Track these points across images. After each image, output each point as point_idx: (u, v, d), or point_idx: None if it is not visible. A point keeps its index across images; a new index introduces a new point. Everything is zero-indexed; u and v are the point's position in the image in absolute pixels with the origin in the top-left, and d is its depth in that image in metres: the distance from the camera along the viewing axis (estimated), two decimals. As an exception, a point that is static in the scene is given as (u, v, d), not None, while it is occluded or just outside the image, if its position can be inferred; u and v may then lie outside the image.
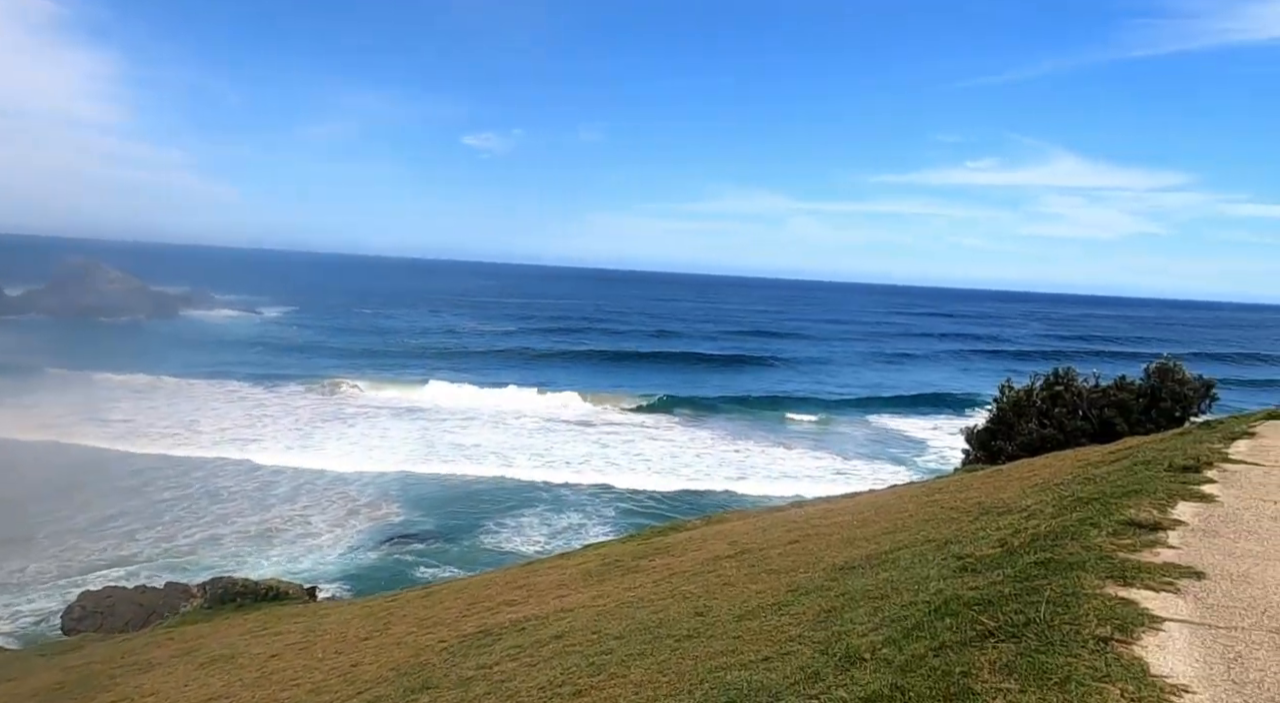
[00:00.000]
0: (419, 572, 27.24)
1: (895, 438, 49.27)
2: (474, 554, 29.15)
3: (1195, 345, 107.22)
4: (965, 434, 16.49)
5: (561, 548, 30.03)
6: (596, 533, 30.75)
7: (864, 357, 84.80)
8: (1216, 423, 9.47)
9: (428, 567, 27.95)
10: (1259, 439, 7.96)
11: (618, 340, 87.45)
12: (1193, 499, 5.79)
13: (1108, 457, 9.19)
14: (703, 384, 63.12)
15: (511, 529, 31.96)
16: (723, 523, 12.66)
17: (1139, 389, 15.73)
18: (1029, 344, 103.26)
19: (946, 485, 10.62)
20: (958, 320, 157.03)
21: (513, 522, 32.71)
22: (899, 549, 6.57)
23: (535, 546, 29.99)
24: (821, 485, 36.89)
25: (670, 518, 29.92)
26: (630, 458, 41.62)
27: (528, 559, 29.32)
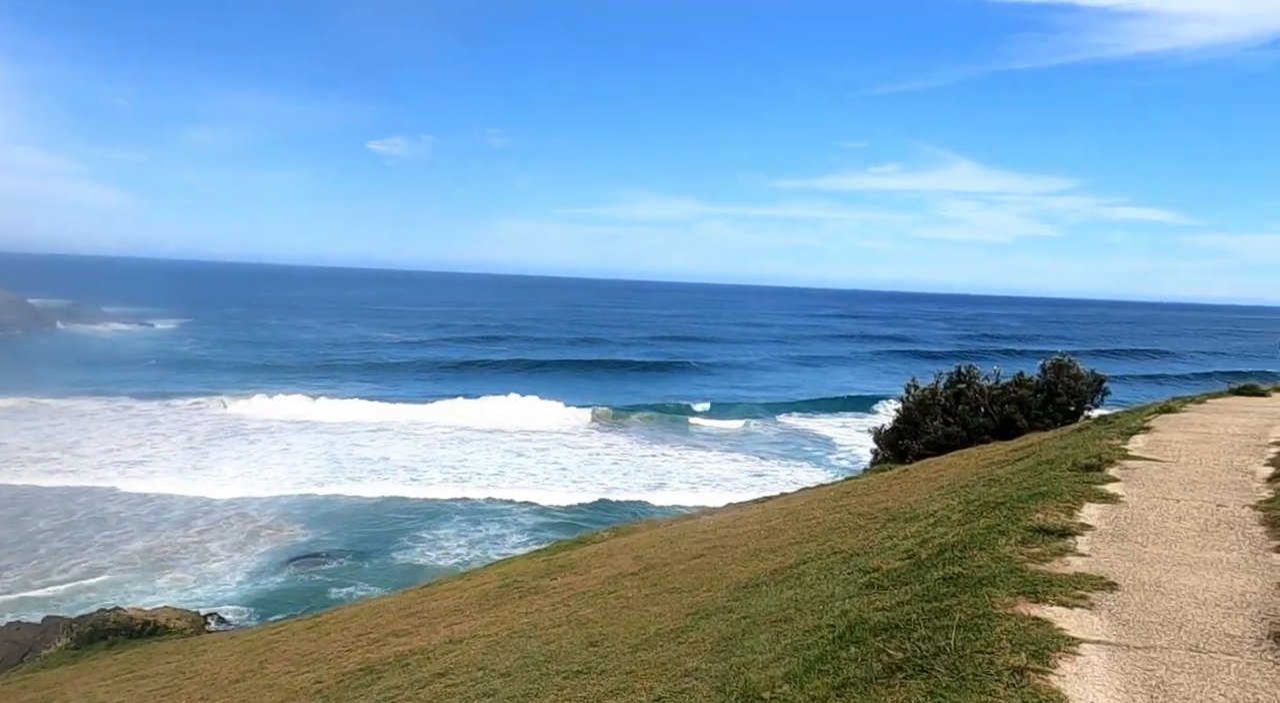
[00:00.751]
0: (331, 592, 25.88)
1: (810, 438, 49.88)
2: (388, 571, 27.90)
3: (1086, 342, 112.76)
4: (874, 434, 16.47)
5: (480, 559, 29.06)
6: (514, 543, 29.92)
7: (779, 359, 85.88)
8: (1113, 418, 9.53)
9: (340, 586, 26.59)
10: (1155, 434, 7.94)
11: (535, 348, 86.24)
12: (1098, 501, 5.58)
13: (1011, 455, 9.08)
14: (622, 391, 62.71)
15: (427, 543, 30.78)
16: (632, 535, 12.16)
17: (1036, 385, 16.00)
18: (935, 344, 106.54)
19: (855, 488, 10.40)
20: (865, 321, 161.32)
21: (428, 535, 31.53)
22: (805, 562, 6.19)
23: (453, 558, 28.93)
24: (737, 490, 36.90)
25: (585, 528, 29.32)
26: (546, 467, 40.82)
27: (445, 573, 28.29)
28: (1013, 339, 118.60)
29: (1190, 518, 5.17)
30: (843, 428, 51.92)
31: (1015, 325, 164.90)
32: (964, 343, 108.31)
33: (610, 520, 30.15)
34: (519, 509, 33.32)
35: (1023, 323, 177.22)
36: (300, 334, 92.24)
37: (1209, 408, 9.91)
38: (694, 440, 47.80)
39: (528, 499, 34.26)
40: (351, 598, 25.81)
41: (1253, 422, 8.53)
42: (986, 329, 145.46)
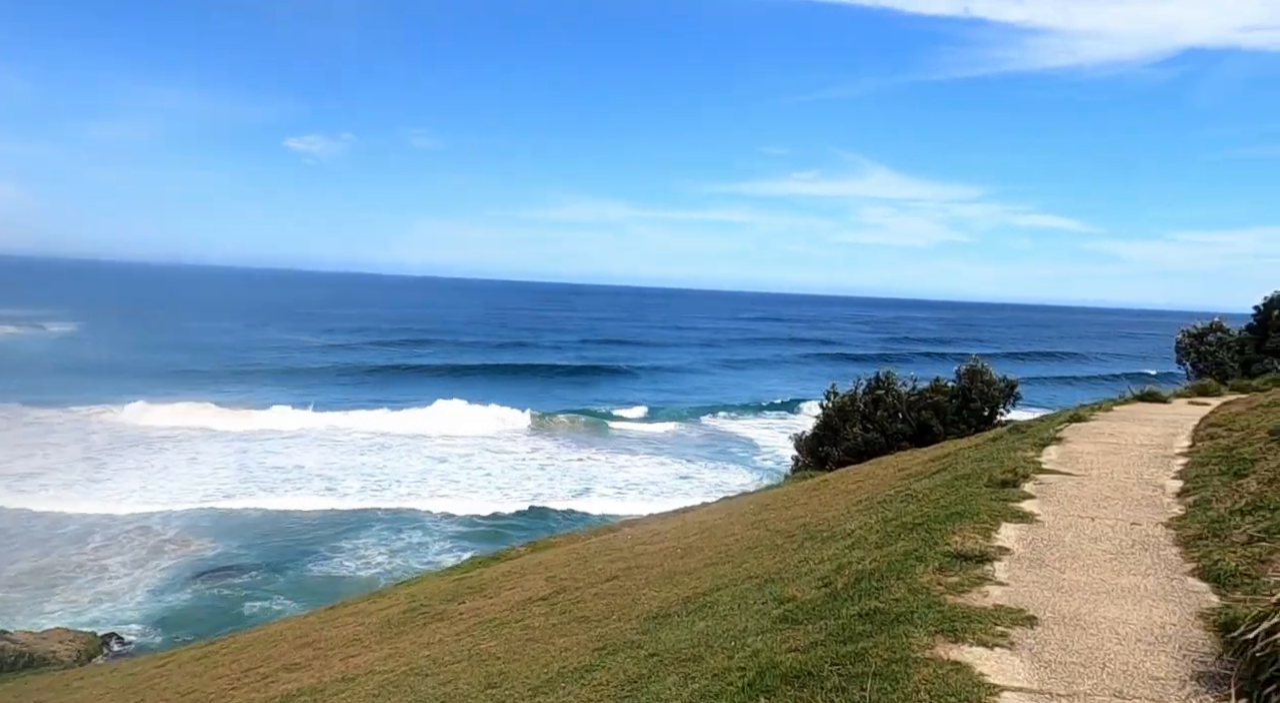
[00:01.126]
0: (244, 608, 24.59)
1: (736, 441, 50.13)
2: (304, 583, 26.68)
3: (999, 345, 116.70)
4: (794, 441, 16.39)
5: (402, 569, 28.06)
6: (437, 550, 29.06)
7: (707, 362, 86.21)
8: (1026, 427, 9.56)
9: (253, 601, 25.30)
10: (1067, 445, 7.92)
11: (461, 352, 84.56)
12: (1015, 520, 5.42)
13: (928, 466, 8.99)
14: (550, 395, 61.93)
15: (346, 553, 29.59)
16: (548, 550, 11.71)
17: (952, 391, 16.19)
18: (858, 346, 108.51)
19: (774, 500, 10.18)
20: (790, 324, 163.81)
21: (347, 545, 30.33)
22: (719, 589, 5.86)
23: (374, 569, 27.86)
24: (664, 494, 36.73)
25: (508, 537, 28.64)
26: (470, 473, 39.89)
27: (364, 585, 27.17)
28: (931, 342, 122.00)
29: (1106, 539, 5.03)
30: (767, 429, 52.38)
31: (932, 328, 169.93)
32: (886, 346, 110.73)
33: (534, 528, 29.55)
34: (441, 517, 32.41)
35: (939, 326, 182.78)
36: (212, 337, 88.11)
37: (1116, 415, 10.03)
38: (622, 444, 47.50)
39: (449, 508, 33.35)
40: (267, 613, 24.57)
41: (1157, 431, 8.62)
42: (906, 332, 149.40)
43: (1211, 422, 8.24)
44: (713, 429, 53.66)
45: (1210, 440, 7.32)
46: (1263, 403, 8.22)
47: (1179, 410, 10.45)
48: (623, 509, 31.98)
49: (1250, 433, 6.87)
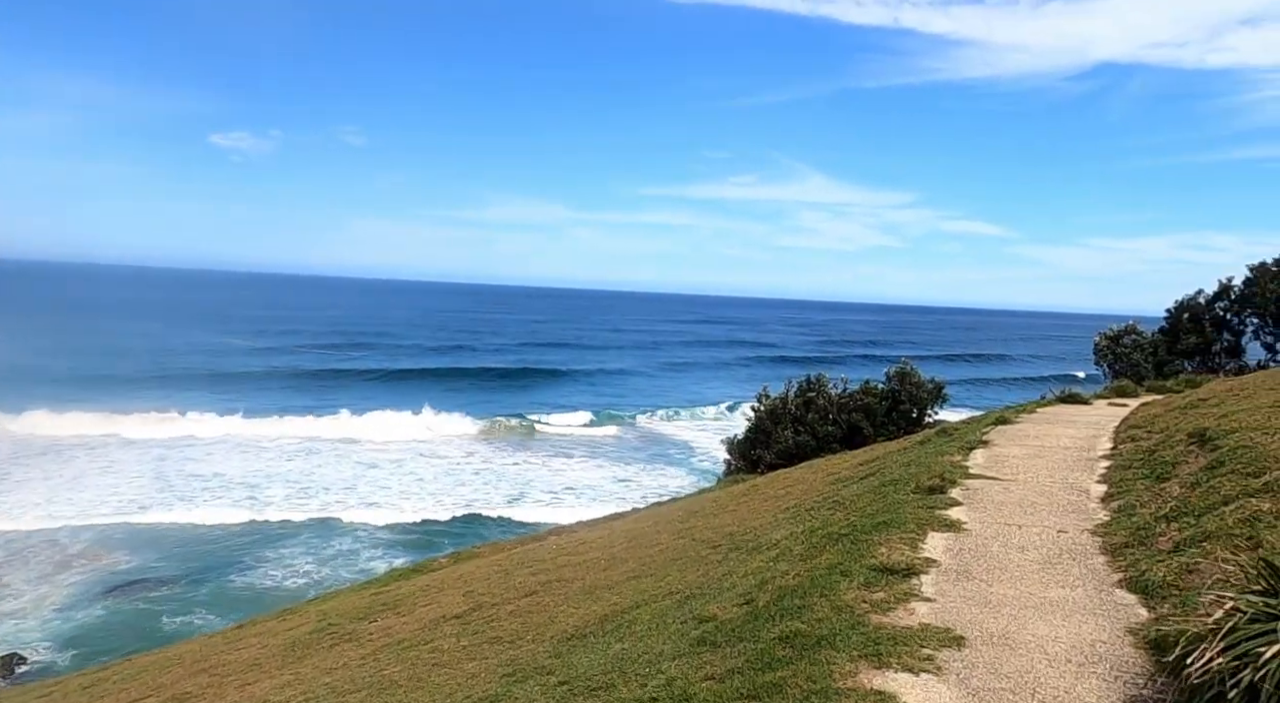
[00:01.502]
0: (162, 623, 23.26)
1: (674, 443, 50.01)
2: (227, 595, 25.44)
3: (930, 346, 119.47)
4: (726, 445, 16.19)
5: (331, 579, 26.97)
6: (368, 557, 28.08)
7: (645, 365, 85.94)
8: (953, 429, 9.49)
9: (173, 616, 23.97)
10: (993, 448, 7.83)
11: (395, 355, 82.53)
12: (942, 529, 5.22)
13: (857, 470, 8.82)
14: (486, 399, 60.80)
15: (271, 563, 28.35)
16: (471, 561, 11.22)
17: (881, 393, 16.22)
18: (795, 349, 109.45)
19: (703, 506, 9.90)
20: (728, 327, 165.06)
21: (272, 554, 29.08)
22: (639, 606, 5.52)
23: (302, 578, 26.73)
24: (600, 499, 36.33)
25: (437, 546, 27.86)
26: (403, 478, 38.83)
27: (292, 595, 26.00)
28: (866, 344, 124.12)
29: (1033, 548, 4.86)
30: (703, 431, 52.41)
31: (866, 331, 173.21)
32: (823, 348, 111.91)
33: (466, 536, 28.84)
34: (370, 526, 31.37)
35: (873, 328, 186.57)
36: (131, 340, 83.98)
37: (1040, 418, 10.05)
38: (560, 448, 46.92)
39: (378, 516, 32.29)
40: (188, 628, 23.30)
41: (1080, 433, 8.62)
42: (841, 334, 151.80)
43: (1132, 424, 8.26)
44: (651, 432, 53.47)
45: (1132, 443, 7.29)
46: (1179, 405, 8.28)
47: (1100, 412, 10.54)
48: (558, 516, 31.46)
49: (1170, 435, 6.85)
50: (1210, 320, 21.02)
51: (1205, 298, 21.37)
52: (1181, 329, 21.15)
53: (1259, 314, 20.11)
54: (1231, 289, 20.84)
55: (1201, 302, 21.37)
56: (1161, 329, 22.15)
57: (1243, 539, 4.05)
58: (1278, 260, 19.98)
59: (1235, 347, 21.09)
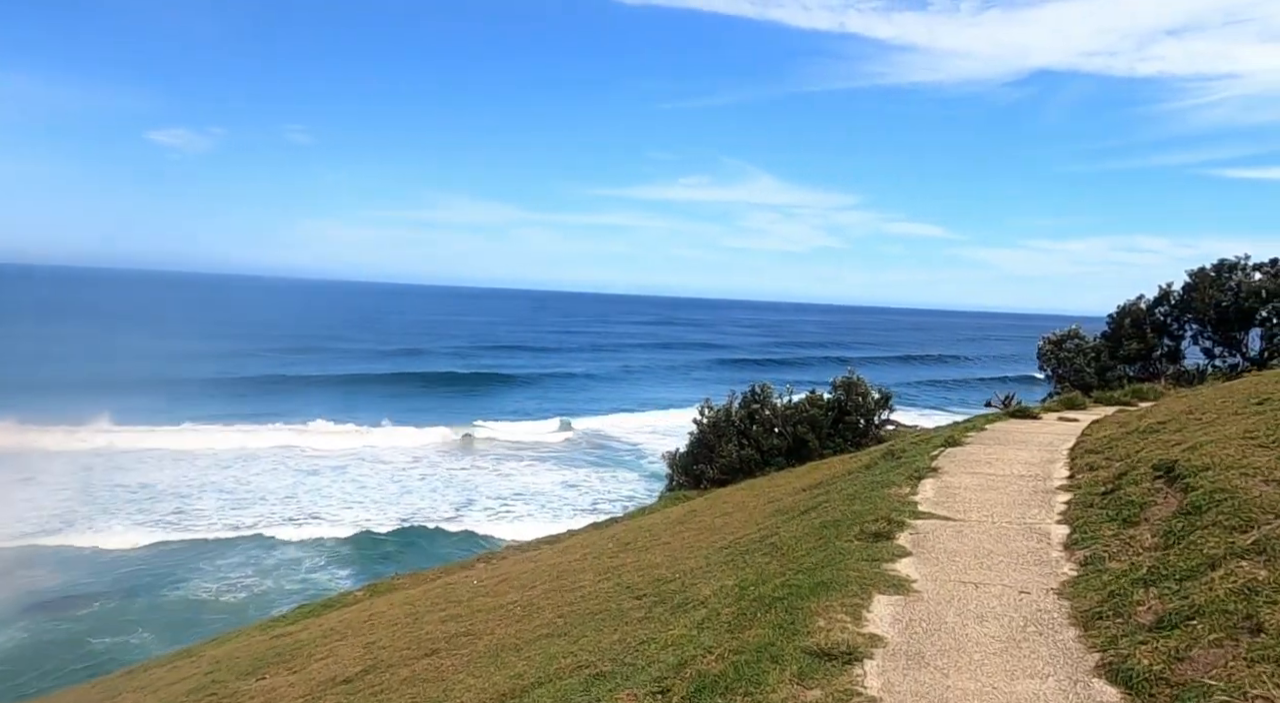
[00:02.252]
0: (90, 643, 21.76)
1: (625, 447, 49.27)
2: (161, 611, 23.97)
3: (881, 348, 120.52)
4: (668, 459, 15.43)
5: (274, 591, 25.62)
6: (310, 567, 26.87)
7: (598, 367, 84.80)
8: (901, 452, 8.85)
9: (101, 635, 22.48)
10: (943, 478, 7.18)
11: (342, 359, 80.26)
12: (889, 589, 4.48)
13: (799, 500, 8.10)
14: (434, 404, 59.22)
15: (206, 575, 26.88)
16: (388, 594, 10.26)
17: (828, 404, 15.62)
18: (748, 351, 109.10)
19: (636, 536, 9.10)
20: (681, 328, 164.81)
21: (208, 566, 27.60)
22: (541, 684, 4.68)
23: (241, 592, 25.33)
24: (551, 509, 35.50)
25: (376, 565, 26.70)
26: (345, 485, 37.41)
27: (231, 609, 24.53)
28: (821, 345, 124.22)
29: (994, 617, 4.14)
30: (653, 434, 51.74)
31: (819, 332, 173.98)
32: (778, 350, 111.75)
33: (407, 552, 27.76)
34: (306, 540, 29.94)
35: (824, 329, 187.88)
36: (59, 345, 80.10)
37: (990, 436, 9.47)
38: (509, 452, 45.82)
39: (312, 531, 30.86)
40: (122, 649, 21.84)
41: (1034, 457, 8.03)
42: (795, 336, 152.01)
43: (1088, 448, 7.68)
44: (603, 435, 52.60)
45: (1090, 472, 6.69)
46: (1136, 427, 7.73)
47: (1051, 429, 10.01)
48: (502, 529, 30.49)
49: (1131, 465, 6.24)
50: (1151, 326, 20.94)
51: (1146, 303, 21.29)
52: (1124, 335, 21.03)
53: (1198, 320, 20.07)
54: (1171, 295, 20.78)
55: (1143, 307, 21.29)
56: (1104, 334, 22.04)
57: (1239, 619, 3.37)
58: (1216, 266, 19.97)
59: (1175, 352, 21.04)
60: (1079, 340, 23.98)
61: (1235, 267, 19.79)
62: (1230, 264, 19.83)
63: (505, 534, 28.98)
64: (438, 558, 25.86)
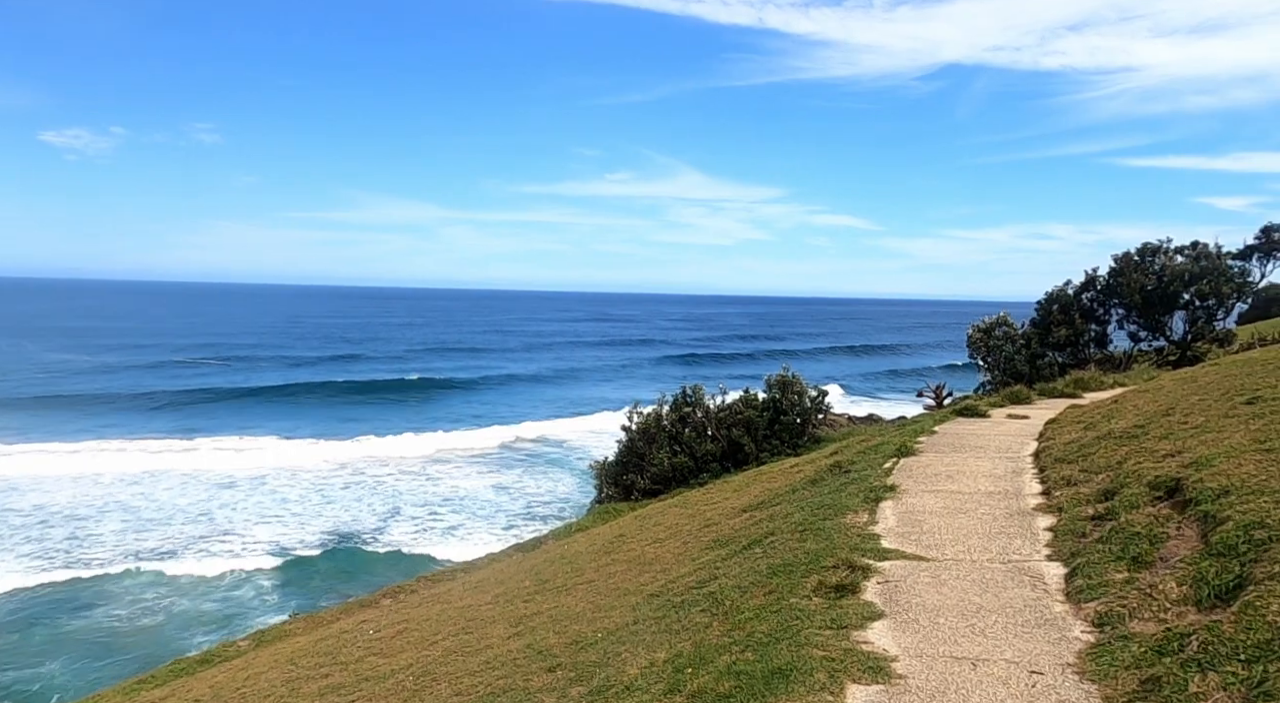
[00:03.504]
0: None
1: (564, 448, 47.80)
2: (71, 639, 21.64)
3: (825, 338, 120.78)
4: (596, 469, 14.25)
5: (182, 615, 23.45)
6: (223, 591, 24.67)
7: (534, 368, 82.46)
8: (850, 466, 7.87)
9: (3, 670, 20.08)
10: (902, 499, 6.20)
11: (261, 369, 76.22)
12: (866, 677, 3.41)
13: (739, 526, 7.02)
14: (362, 413, 56.51)
15: (114, 601, 24.45)
16: (277, 643, 8.81)
17: (763, 404, 14.68)
18: (684, 346, 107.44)
19: (556, 572, 7.89)
20: (615, 324, 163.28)
21: (115, 589, 25.13)
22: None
23: (157, 616, 23.02)
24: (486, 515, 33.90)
25: (296, 587, 24.80)
26: (262, 498, 35.05)
27: (141, 641, 22.24)
28: (758, 338, 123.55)
29: (1006, 719, 3.10)
30: (591, 434, 50.47)
31: (752, 324, 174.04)
32: (715, 345, 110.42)
33: (323, 575, 25.87)
34: (215, 561, 27.70)
35: (757, 321, 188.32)
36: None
37: (943, 441, 8.59)
38: (443, 461, 43.88)
39: (224, 552, 28.59)
40: (29, 681, 19.52)
41: (996, 467, 7.14)
42: (725, 328, 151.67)
43: (1056, 455, 6.82)
44: (538, 437, 51.01)
45: (1069, 488, 5.78)
46: (1108, 431, 6.90)
47: (1004, 429, 9.20)
48: (432, 542, 28.78)
49: (1119, 479, 5.35)
50: (1079, 311, 20.78)
51: (1073, 289, 21.15)
52: (1053, 321, 20.80)
53: (1124, 304, 19.95)
54: (1097, 280, 20.64)
55: (1070, 293, 21.13)
56: (1033, 321, 21.83)
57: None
58: (1140, 250, 19.87)
59: (1103, 337, 20.94)
60: (1008, 327, 23.74)
61: (1158, 250, 19.70)
62: (1153, 248, 19.73)
63: (433, 549, 27.42)
64: (360, 577, 24.13)
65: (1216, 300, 17.79)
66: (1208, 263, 18.01)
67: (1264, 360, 8.02)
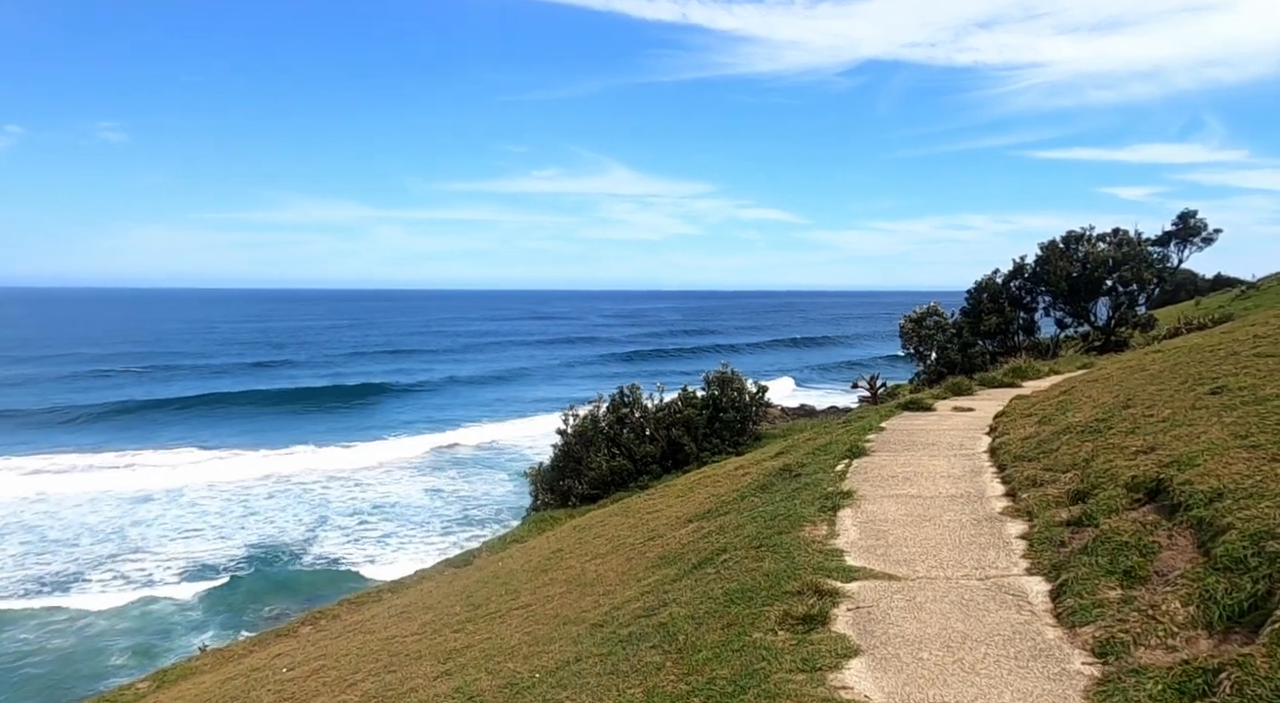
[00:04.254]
0: None
1: (505, 451, 46.59)
2: None
3: (767, 332, 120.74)
4: (531, 475, 13.57)
5: (91, 643, 21.74)
6: (127, 621, 22.99)
7: (468, 367, 79.99)
8: (800, 469, 7.42)
9: None
10: (861, 506, 5.76)
11: (177, 378, 72.49)
12: (847, 737, 2.89)
13: (686, 539, 6.48)
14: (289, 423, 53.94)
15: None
16: (179, 684, 7.91)
17: (702, 402, 14.22)
18: (628, 343, 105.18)
19: (490, 597, 7.22)
20: (551, 322, 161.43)
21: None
22: None
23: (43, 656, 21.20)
24: (419, 522, 32.70)
25: (214, 611, 23.33)
26: (182, 511, 33.13)
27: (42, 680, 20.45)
28: (689, 333, 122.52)
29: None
30: (526, 437, 49.46)
31: (681, 318, 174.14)
32: (649, 341, 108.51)
33: (245, 596, 24.43)
34: (119, 583, 25.89)
35: (688, 316, 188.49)
36: None
37: (893, 439, 8.22)
38: (373, 465, 42.30)
39: (135, 573, 26.81)
40: None
41: (954, 468, 6.78)
42: (662, 324, 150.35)
43: (1015, 453, 6.49)
44: (479, 444, 49.61)
45: (1035, 489, 5.41)
46: (1067, 425, 6.61)
47: (952, 423, 8.91)
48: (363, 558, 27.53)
49: (1089, 479, 4.99)
50: (1008, 299, 21.00)
51: (1002, 277, 21.37)
52: (983, 309, 20.96)
53: (1051, 292, 20.23)
54: (1025, 268, 20.89)
55: (999, 281, 21.34)
56: (963, 310, 21.99)
57: None
58: (1065, 238, 20.17)
59: (1030, 324, 21.22)
60: (938, 317, 23.90)
61: (1082, 238, 20.02)
62: (1077, 235, 20.03)
63: (363, 564, 26.25)
64: (283, 595, 22.90)
65: (1139, 286, 18.12)
66: (1129, 249, 18.34)
67: (1210, 346, 7.89)
